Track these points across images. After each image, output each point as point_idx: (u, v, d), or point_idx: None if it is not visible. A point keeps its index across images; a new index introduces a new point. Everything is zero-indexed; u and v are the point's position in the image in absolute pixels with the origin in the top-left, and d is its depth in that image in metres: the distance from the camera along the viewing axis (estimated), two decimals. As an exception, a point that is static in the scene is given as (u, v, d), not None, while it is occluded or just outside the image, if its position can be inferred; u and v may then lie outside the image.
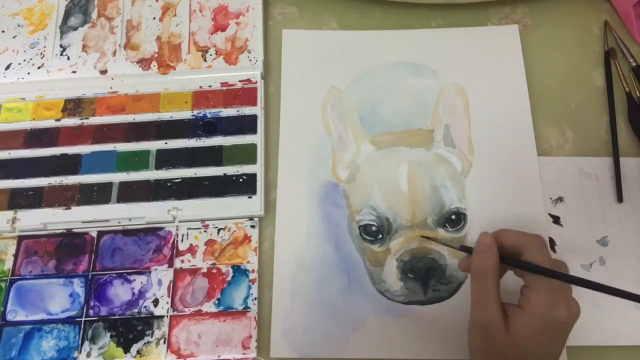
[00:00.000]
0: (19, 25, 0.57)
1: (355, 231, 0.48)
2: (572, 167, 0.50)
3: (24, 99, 0.54)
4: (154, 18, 0.57)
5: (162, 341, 0.45)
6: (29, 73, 0.55)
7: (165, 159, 0.51)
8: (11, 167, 0.51)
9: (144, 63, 0.55)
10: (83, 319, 0.46)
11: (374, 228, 0.48)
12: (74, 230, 0.49)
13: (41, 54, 0.55)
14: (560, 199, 0.49)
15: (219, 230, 0.49)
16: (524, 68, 0.54)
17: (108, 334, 0.45)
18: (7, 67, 0.55)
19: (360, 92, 0.54)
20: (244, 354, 0.44)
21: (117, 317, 0.46)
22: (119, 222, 0.49)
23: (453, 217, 0.48)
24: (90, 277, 0.47)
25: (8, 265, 0.48)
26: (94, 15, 0.57)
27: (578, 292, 0.45)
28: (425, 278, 0.46)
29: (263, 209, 0.49)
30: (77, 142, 0.52)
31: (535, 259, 0.36)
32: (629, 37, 0.56)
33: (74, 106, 0.53)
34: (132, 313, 0.46)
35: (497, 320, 0.35)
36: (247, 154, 0.51)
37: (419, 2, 0.56)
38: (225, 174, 0.50)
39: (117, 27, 0.56)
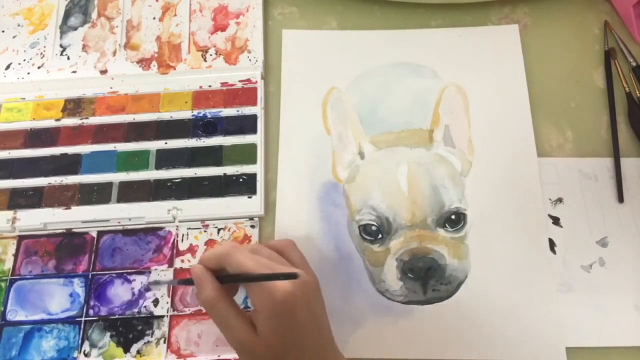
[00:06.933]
0: (19, 25, 0.57)
1: (355, 231, 0.48)
2: (571, 168, 0.50)
3: (24, 98, 0.54)
4: (154, 18, 0.57)
5: (162, 341, 0.45)
6: (29, 73, 0.55)
7: (165, 158, 0.51)
8: (11, 167, 0.51)
9: (144, 63, 0.55)
10: (83, 318, 0.46)
11: (373, 228, 0.48)
12: (74, 230, 0.49)
13: (41, 54, 0.55)
14: (560, 200, 0.49)
15: (219, 230, 0.49)
16: (524, 68, 0.54)
17: (108, 334, 0.45)
18: (7, 67, 0.55)
19: (360, 92, 0.54)
20: (243, 354, 0.45)
21: (117, 317, 0.46)
22: (119, 222, 0.49)
23: (453, 217, 0.48)
24: (90, 277, 0.47)
25: (8, 265, 0.48)
26: (94, 15, 0.57)
27: (580, 294, 0.46)
28: (425, 278, 0.46)
29: (263, 209, 0.49)
30: (77, 142, 0.52)
31: (235, 263, 0.37)
32: (629, 37, 0.56)
33: (73, 106, 0.53)
34: (132, 313, 0.46)
35: (247, 335, 0.36)
36: (247, 154, 0.51)
37: (419, 2, 0.56)
38: (225, 174, 0.50)
39: (117, 27, 0.56)
